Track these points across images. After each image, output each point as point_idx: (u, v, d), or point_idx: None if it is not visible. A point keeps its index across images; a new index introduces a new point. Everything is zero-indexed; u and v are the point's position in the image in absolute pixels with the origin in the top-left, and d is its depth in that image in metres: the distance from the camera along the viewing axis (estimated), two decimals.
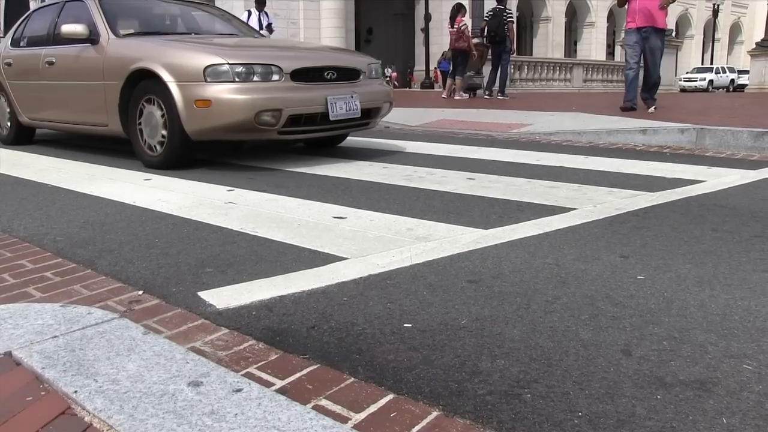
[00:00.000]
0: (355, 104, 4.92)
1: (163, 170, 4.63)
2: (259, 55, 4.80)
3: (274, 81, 4.56)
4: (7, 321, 1.66)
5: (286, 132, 4.63)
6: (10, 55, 6.59)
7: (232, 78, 4.41)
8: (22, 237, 2.80)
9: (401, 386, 1.46)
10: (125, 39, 5.25)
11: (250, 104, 4.36)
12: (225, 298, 2.02)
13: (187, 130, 4.52)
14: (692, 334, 1.71)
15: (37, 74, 5.97)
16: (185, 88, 4.47)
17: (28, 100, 6.25)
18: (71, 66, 5.52)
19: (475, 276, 2.21)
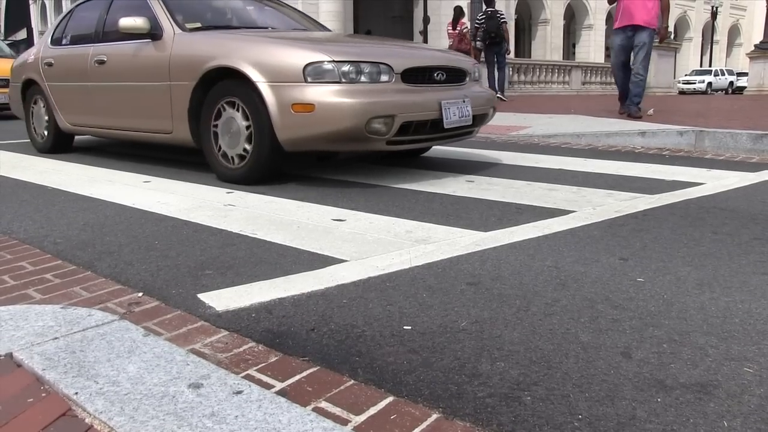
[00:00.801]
0: (467, 110, 4.30)
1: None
2: (366, 52, 4.08)
3: (383, 82, 3.91)
4: (7, 322, 1.67)
5: (395, 142, 3.98)
6: (50, 54, 5.99)
7: (337, 78, 3.76)
8: (22, 239, 2.80)
9: (401, 388, 1.46)
10: (194, 34, 4.57)
11: (361, 109, 3.70)
12: (225, 300, 2.02)
13: (280, 138, 3.88)
14: (692, 336, 1.72)
15: (84, 75, 5.38)
16: (280, 90, 3.82)
17: (72, 103, 5.65)
18: (127, 65, 4.90)
19: (475, 278, 2.21)
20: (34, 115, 6.32)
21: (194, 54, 4.34)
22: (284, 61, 3.86)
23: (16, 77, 6.57)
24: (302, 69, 3.76)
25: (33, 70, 6.17)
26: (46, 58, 6.00)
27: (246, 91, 4.00)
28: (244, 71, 3.94)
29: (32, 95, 6.29)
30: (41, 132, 6.20)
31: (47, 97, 5.96)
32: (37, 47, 6.31)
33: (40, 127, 6.20)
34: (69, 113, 5.73)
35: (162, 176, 4.49)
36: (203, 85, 4.28)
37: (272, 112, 3.84)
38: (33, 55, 6.28)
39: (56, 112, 5.87)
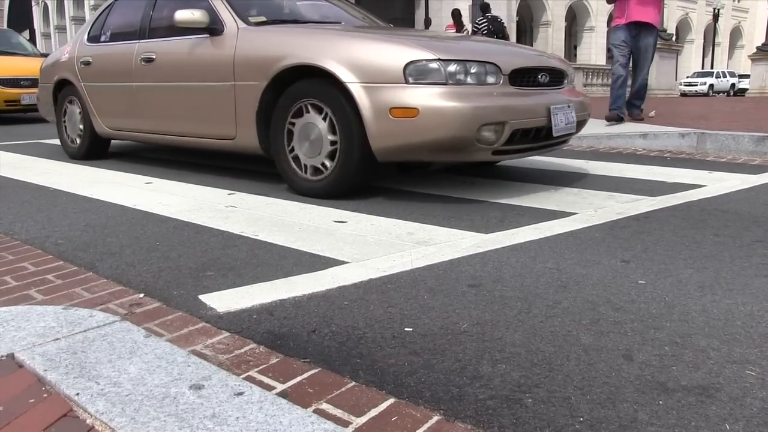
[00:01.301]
0: (572, 116, 3.88)
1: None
2: (470, 50, 3.64)
3: (490, 84, 3.47)
4: (9, 323, 1.67)
5: (501, 151, 3.55)
6: (88, 53, 5.49)
7: (444, 79, 3.31)
8: (23, 240, 2.80)
9: (402, 390, 1.46)
10: (261, 28, 4.13)
11: (472, 115, 3.26)
12: (226, 302, 2.02)
13: (374, 147, 3.42)
14: (694, 339, 1.71)
15: (128, 74, 4.92)
16: (376, 92, 3.35)
17: (112, 106, 5.18)
18: (181, 63, 4.44)
19: (476, 280, 2.21)
20: (66, 118, 5.86)
21: (264, 51, 3.87)
22: (381, 59, 3.40)
23: (47, 77, 6.10)
24: (403, 68, 3.32)
25: (67, 70, 5.71)
26: (82, 57, 5.52)
27: (331, 93, 3.55)
28: (332, 70, 3.47)
29: (65, 97, 5.84)
30: (74, 137, 5.74)
31: (83, 98, 5.50)
32: (72, 45, 5.85)
33: (74, 131, 5.74)
34: (108, 116, 5.28)
35: (163, 177, 4.49)
36: (275, 86, 3.85)
37: (366, 117, 3.38)
38: (67, 53, 5.82)
39: (93, 115, 5.42)
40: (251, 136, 4.02)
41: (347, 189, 3.62)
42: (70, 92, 5.74)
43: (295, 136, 3.78)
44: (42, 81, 6.27)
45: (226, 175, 4.59)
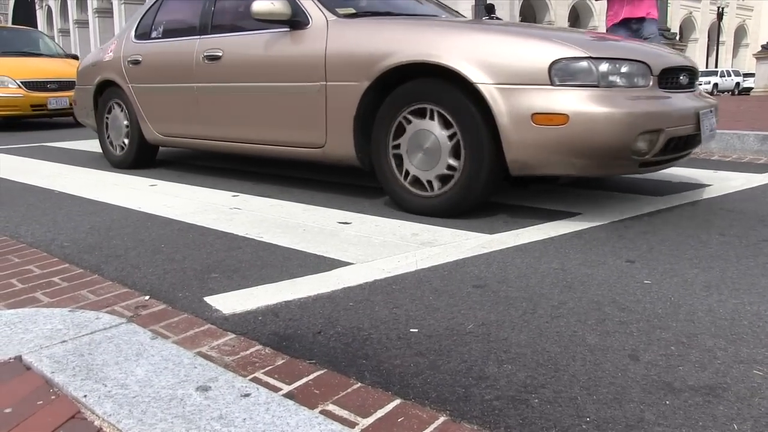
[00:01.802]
0: (713, 122, 3.45)
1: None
2: (617, 47, 3.14)
3: (640, 87, 3.02)
4: (16, 325, 1.67)
5: (648, 164, 3.10)
6: (137, 51, 4.99)
7: (596, 80, 2.87)
8: (29, 242, 2.81)
9: (408, 391, 1.46)
10: (356, 21, 3.63)
11: (631, 123, 2.83)
12: (231, 303, 2.02)
13: (509, 158, 2.95)
14: (700, 339, 1.71)
15: (188, 74, 4.44)
16: (515, 95, 2.89)
17: (166, 109, 4.71)
18: (255, 61, 3.95)
19: (481, 281, 2.21)
20: (110, 123, 5.36)
21: (365, 46, 3.39)
22: (520, 56, 2.92)
23: (87, 79, 5.59)
24: (548, 67, 2.86)
25: (112, 71, 5.20)
26: (130, 56, 5.01)
27: (453, 96, 3.07)
28: (458, 69, 3.00)
29: (108, 100, 5.34)
30: (119, 143, 5.25)
31: (131, 101, 5.01)
32: (116, 43, 5.33)
33: (119, 137, 5.24)
34: (161, 121, 4.80)
35: (167, 179, 4.50)
36: (376, 88, 3.39)
37: (502, 124, 2.91)
38: (111, 52, 5.31)
39: (143, 119, 4.94)
40: (345, 145, 3.53)
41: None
42: (115, 95, 5.25)
43: (404, 147, 3.32)
44: (80, 83, 5.80)
45: (230, 176, 4.59)
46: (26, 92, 9.55)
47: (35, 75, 9.78)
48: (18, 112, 9.59)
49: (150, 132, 4.92)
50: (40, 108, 9.71)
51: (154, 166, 5.23)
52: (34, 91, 9.63)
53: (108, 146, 5.41)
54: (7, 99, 9.47)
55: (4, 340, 1.59)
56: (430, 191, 3.23)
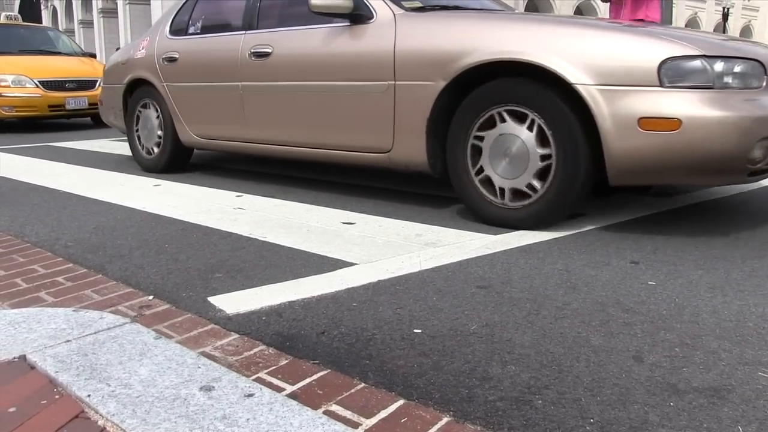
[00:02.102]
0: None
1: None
2: (725, 45, 2.85)
3: (753, 89, 2.72)
4: (21, 325, 1.68)
5: (758, 171, 2.79)
6: (173, 47, 4.68)
7: (710, 81, 2.61)
8: (33, 242, 2.82)
9: (411, 392, 1.46)
10: (427, 15, 3.32)
11: (750, 129, 2.58)
12: (235, 304, 2.02)
13: (611, 165, 2.70)
14: (705, 340, 1.71)
15: (232, 72, 4.13)
16: (619, 97, 2.63)
17: (206, 109, 4.40)
18: (311, 58, 3.64)
19: (485, 282, 2.20)
20: (140, 124, 5.06)
21: (440, 43, 3.11)
22: (624, 54, 2.67)
23: (116, 77, 5.31)
24: (657, 67, 2.60)
25: (145, 68, 4.89)
26: (166, 53, 4.69)
27: (545, 97, 2.81)
28: (554, 68, 2.73)
29: (139, 100, 5.05)
30: (151, 146, 4.96)
31: (165, 101, 4.71)
32: (149, 39, 5.01)
33: (150, 139, 4.95)
34: (199, 122, 4.49)
35: (172, 179, 4.50)
36: (452, 88, 3.11)
37: (605, 128, 2.65)
38: (143, 49, 4.99)
39: (179, 120, 4.63)
40: (416, 150, 3.24)
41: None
42: (147, 94, 4.95)
43: (485, 152, 3.03)
44: (108, 82, 5.53)
45: (234, 176, 4.60)
46: (44, 92, 9.12)
47: (53, 74, 9.36)
48: (35, 112, 9.17)
49: (186, 134, 4.62)
50: (58, 108, 9.27)
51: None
52: (52, 90, 9.19)
53: (138, 149, 5.11)
54: (25, 99, 9.06)
55: (9, 339, 1.59)
56: (517, 201, 2.96)
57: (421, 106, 3.16)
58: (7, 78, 9.04)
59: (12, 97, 8.95)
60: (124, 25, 30.44)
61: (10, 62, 9.33)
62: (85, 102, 9.42)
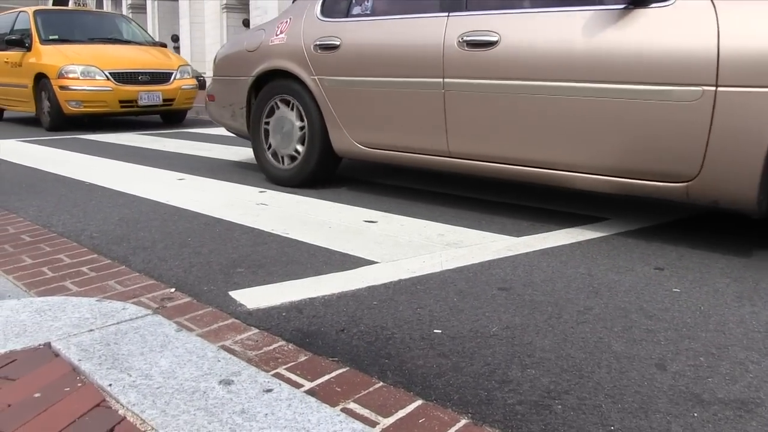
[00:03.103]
0: None
1: None
2: None
3: None
4: (46, 313, 1.70)
5: None
6: (330, 32, 3.78)
7: None
8: (60, 232, 2.85)
9: (430, 392, 1.45)
10: None
11: None
12: (255, 299, 2.03)
13: None
14: (731, 351, 1.68)
15: (431, 65, 3.22)
16: None
17: (382, 111, 3.50)
18: (565, 51, 2.79)
19: (506, 284, 2.19)
20: (272, 127, 4.14)
21: None
22: None
23: (236, 68, 4.40)
24: None
25: (286, 58, 3.98)
26: (319, 38, 3.80)
27: None
28: None
29: (271, 96, 4.13)
30: (286, 154, 4.06)
31: (317, 99, 3.81)
32: (289, 22, 4.09)
33: (286, 145, 4.04)
34: (366, 128, 3.61)
35: (196, 174, 4.53)
36: None
37: None
38: (282, 33, 4.08)
39: (335, 124, 3.75)
40: (740, 181, 2.45)
41: None
42: (284, 89, 4.03)
43: None
44: (223, 73, 4.58)
45: (257, 172, 4.61)
46: (115, 85, 8.02)
47: (124, 65, 8.27)
48: (104, 108, 8.05)
49: (344, 141, 3.75)
50: (129, 104, 8.17)
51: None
52: (124, 84, 8.10)
53: (266, 157, 4.21)
54: (95, 93, 7.95)
55: (35, 327, 1.61)
56: None
57: (759, 123, 2.36)
58: (76, 69, 7.94)
59: (79, 90, 7.89)
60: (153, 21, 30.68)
61: (79, 52, 8.29)
62: (159, 97, 8.40)
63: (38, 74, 8.21)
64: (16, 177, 4.39)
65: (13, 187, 3.97)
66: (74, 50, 8.29)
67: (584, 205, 3.51)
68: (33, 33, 8.56)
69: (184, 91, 8.72)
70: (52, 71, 7.94)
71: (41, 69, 8.13)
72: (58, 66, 7.92)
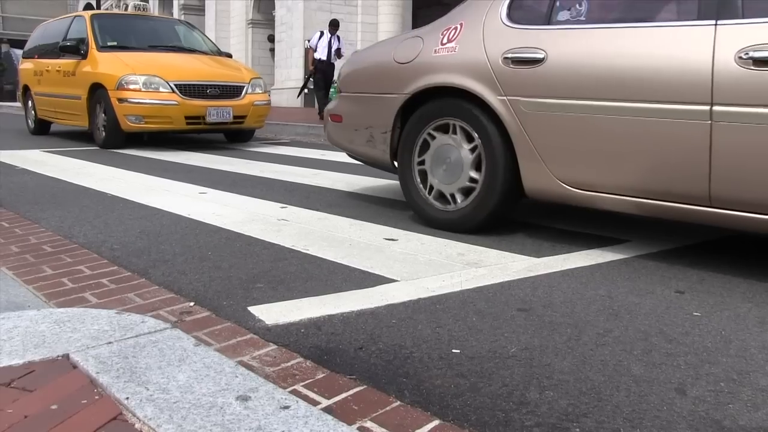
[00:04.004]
0: None
1: None
2: None
3: None
4: (66, 324, 1.71)
5: None
6: (527, 41, 3.01)
7: None
8: (81, 243, 2.88)
9: (447, 412, 1.44)
10: None
11: None
12: (274, 314, 2.03)
13: None
14: (753, 377, 1.65)
15: (689, 88, 2.52)
16: None
17: (606, 145, 2.77)
18: None
19: (526, 304, 2.18)
20: (432, 156, 3.37)
21: None
22: None
23: (380, 84, 3.63)
24: None
25: (459, 72, 3.19)
26: (512, 49, 3.02)
27: None
28: None
29: (430, 119, 3.35)
30: (451, 190, 3.28)
31: (508, 125, 3.01)
32: (460, 28, 3.28)
33: (452, 181, 3.27)
34: (581, 165, 2.86)
35: (218, 188, 4.57)
36: None
37: None
38: (451, 42, 3.28)
39: (532, 157, 2.98)
40: None
41: None
42: (451, 111, 3.27)
43: None
44: (358, 89, 3.82)
45: (279, 188, 4.64)
46: (181, 99, 7.09)
47: (191, 76, 7.33)
48: (169, 125, 7.17)
49: (542, 178, 2.98)
50: (196, 121, 7.22)
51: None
52: (190, 97, 7.16)
53: (422, 194, 3.43)
54: (158, 107, 7.05)
55: (54, 338, 1.62)
56: None
57: None
58: (138, 80, 7.04)
59: (141, 104, 7.02)
60: None
61: (140, 60, 7.39)
62: (230, 114, 7.42)
63: (94, 84, 7.38)
64: (39, 187, 4.45)
65: (36, 197, 4.03)
66: (135, 58, 7.41)
67: (605, 226, 3.48)
68: (89, 39, 7.73)
69: (256, 108, 7.79)
70: (111, 81, 7.10)
71: (97, 79, 7.32)
72: (118, 76, 7.08)
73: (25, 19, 50.62)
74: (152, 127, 7.15)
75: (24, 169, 5.44)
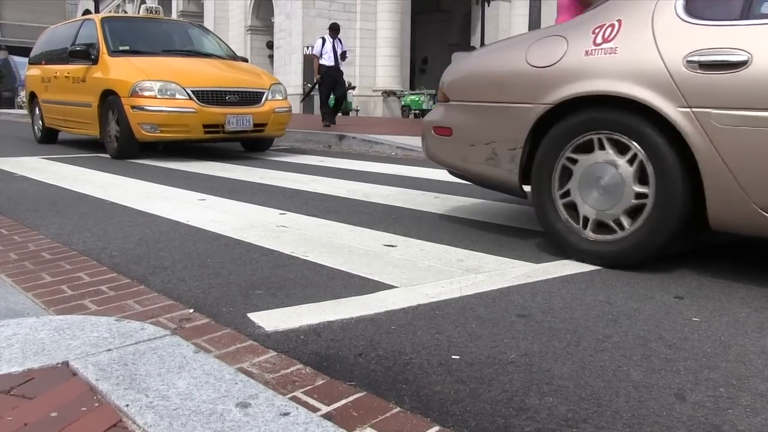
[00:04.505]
0: None
1: None
2: None
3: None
4: (65, 331, 1.71)
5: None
6: (717, 41, 2.44)
7: None
8: (80, 250, 2.88)
9: (447, 419, 1.44)
10: None
11: None
12: (274, 321, 2.03)
13: None
14: (752, 382, 1.65)
15: None
16: None
17: None
18: None
19: (525, 310, 2.18)
20: (577, 183, 2.81)
21: None
22: None
23: (504, 92, 3.06)
24: None
25: (622, 78, 2.63)
26: (699, 51, 2.45)
27: None
28: None
29: (574, 134, 2.79)
30: (614, 214, 2.70)
31: (690, 142, 2.46)
32: (617, 25, 2.71)
33: (609, 206, 2.71)
34: None
35: (217, 195, 4.57)
36: None
37: None
38: (607, 41, 2.72)
39: (724, 180, 2.43)
40: None
41: None
42: (591, 125, 2.74)
43: None
44: (475, 98, 3.23)
45: (278, 194, 4.64)
46: (199, 106, 6.72)
47: (209, 82, 6.95)
48: (186, 134, 6.77)
49: (737, 207, 2.46)
50: (215, 129, 6.84)
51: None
52: (208, 104, 6.79)
53: (566, 223, 2.87)
54: (175, 115, 6.66)
55: (53, 345, 1.62)
56: None
57: None
58: (153, 86, 6.66)
59: (156, 111, 6.64)
60: None
61: (155, 65, 7.05)
62: (250, 122, 7.04)
63: (105, 91, 7.02)
64: (38, 194, 4.45)
65: (35, 205, 4.03)
66: (149, 63, 7.03)
67: None
68: (100, 43, 7.37)
69: (277, 115, 7.41)
70: (124, 88, 6.73)
71: (109, 85, 6.94)
72: (131, 82, 6.69)
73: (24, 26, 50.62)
74: (168, 136, 6.82)
75: (23, 176, 5.44)
